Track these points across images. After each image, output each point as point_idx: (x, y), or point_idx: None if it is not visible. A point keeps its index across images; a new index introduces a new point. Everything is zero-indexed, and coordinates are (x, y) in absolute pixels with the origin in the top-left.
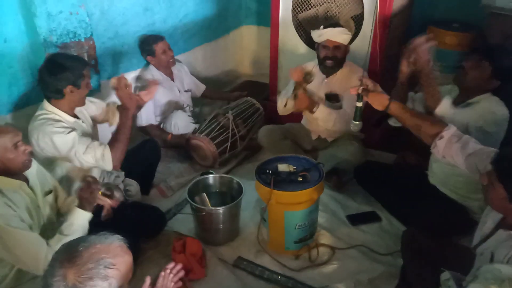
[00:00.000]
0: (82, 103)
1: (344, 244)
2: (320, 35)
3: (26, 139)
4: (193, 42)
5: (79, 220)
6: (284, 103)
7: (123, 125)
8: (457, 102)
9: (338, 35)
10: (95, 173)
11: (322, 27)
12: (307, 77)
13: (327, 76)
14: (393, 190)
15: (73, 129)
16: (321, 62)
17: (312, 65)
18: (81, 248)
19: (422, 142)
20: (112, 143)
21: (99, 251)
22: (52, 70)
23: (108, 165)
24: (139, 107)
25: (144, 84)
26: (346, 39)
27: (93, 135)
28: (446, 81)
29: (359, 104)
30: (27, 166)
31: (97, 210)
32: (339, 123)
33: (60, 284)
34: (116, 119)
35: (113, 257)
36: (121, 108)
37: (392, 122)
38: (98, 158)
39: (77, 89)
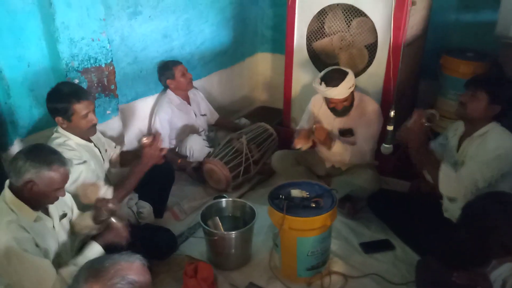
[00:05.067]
0: (86, 133)
1: (357, 272)
2: (323, 92)
3: None
4: (209, 68)
5: (94, 254)
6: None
7: (133, 176)
8: (465, 137)
9: (341, 93)
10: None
11: (321, 81)
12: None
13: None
14: (407, 219)
15: (85, 162)
16: (331, 109)
17: (320, 102)
18: (107, 264)
19: None
20: (117, 187)
21: (124, 268)
22: (48, 98)
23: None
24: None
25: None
26: (350, 90)
27: (104, 167)
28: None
29: (390, 128)
30: (50, 204)
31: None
32: (354, 157)
33: None
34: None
35: (136, 275)
36: (137, 160)
37: (383, 148)
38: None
39: (68, 122)
